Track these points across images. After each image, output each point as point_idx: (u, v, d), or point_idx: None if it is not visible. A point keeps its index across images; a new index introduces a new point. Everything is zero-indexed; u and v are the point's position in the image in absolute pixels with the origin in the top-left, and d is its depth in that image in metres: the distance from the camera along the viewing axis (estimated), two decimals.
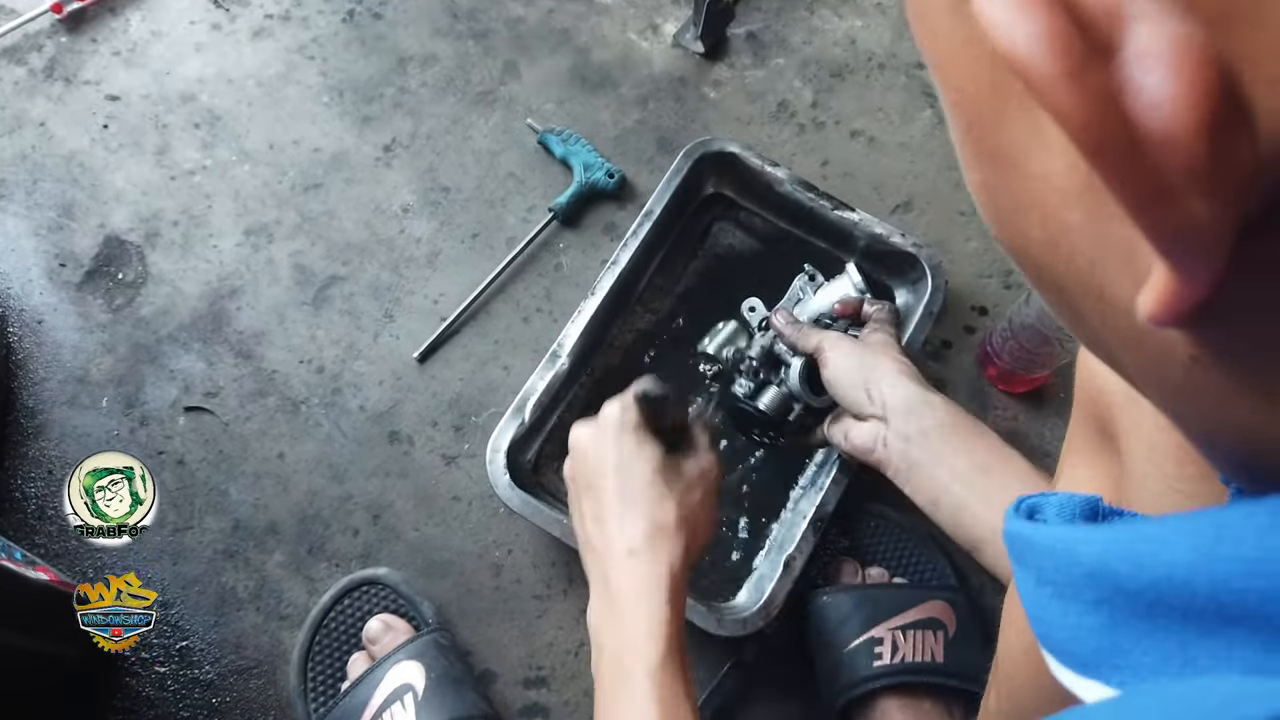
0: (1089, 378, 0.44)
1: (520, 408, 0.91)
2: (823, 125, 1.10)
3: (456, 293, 1.01)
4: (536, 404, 0.91)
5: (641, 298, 1.02)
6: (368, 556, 0.93)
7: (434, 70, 1.11)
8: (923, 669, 0.80)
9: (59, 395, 0.97)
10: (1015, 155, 0.23)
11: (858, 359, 0.80)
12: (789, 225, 1.04)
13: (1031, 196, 0.23)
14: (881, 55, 1.13)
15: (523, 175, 1.07)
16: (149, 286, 1.01)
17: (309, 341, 1.00)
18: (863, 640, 0.81)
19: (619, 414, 0.72)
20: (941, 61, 0.24)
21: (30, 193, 1.05)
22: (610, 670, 0.64)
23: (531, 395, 0.91)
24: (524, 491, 0.87)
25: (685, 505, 0.69)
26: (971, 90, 0.23)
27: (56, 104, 1.08)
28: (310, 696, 0.86)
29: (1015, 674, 0.50)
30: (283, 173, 1.06)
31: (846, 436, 0.80)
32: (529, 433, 0.92)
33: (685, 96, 1.11)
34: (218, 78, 1.10)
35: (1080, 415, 0.47)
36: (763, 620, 0.84)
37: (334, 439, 0.96)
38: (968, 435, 0.73)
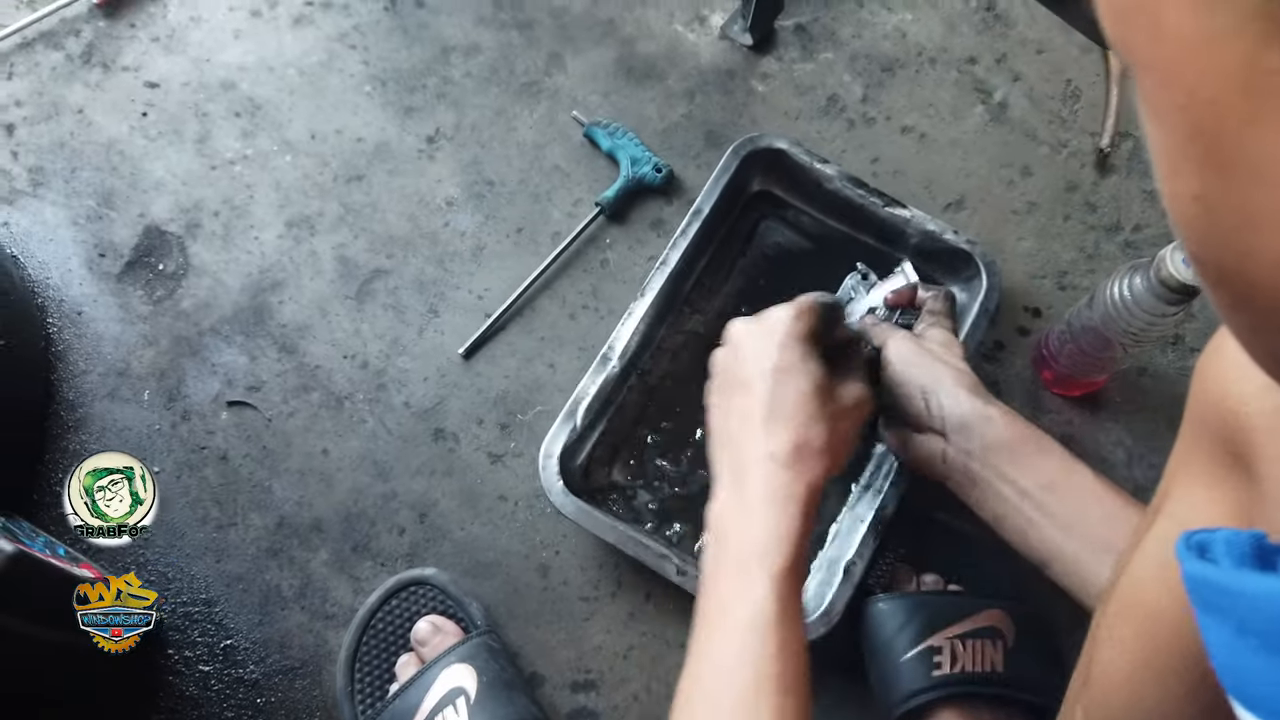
0: (1219, 397, 0.42)
1: (572, 412, 0.89)
2: (873, 121, 1.08)
3: (501, 288, 1.00)
4: (588, 408, 0.89)
5: (689, 298, 1.00)
6: (413, 556, 0.91)
7: (477, 60, 1.09)
8: (982, 679, 0.78)
9: (100, 388, 0.96)
10: (1262, 165, 0.21)
11: (921, 366, 0.77)
12: (838, 223, 1.02)
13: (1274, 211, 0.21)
14: (932, 50, 1.11)
15: (568, 169, 1.05)
16: (190, 278, 1.00)
17: (353, 336, 0.98)
18: (920, 649, 0.80)
19: (791, 319, 0.69)
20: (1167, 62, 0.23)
21: (69, 181, 1.03)
22: (730, 565, 0.62)
23: (583, 399, 0.89)
24: (577, 497, 0.86)
25: (835, 432, 0.66)
26: (1209, 94, 0.22)
27: (95, 90, 1.06)
28: (358, 698, 0.85)
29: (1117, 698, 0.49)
30: (325, 163, 1.04)
31: (905, 447, 0.78)
32: (580, 439, 0.91)
33: (733, 90, 1.09)
34: (258, 65, 1.08)
35: (1200, 434, 0.44)
36: (824, 627, 0.82)
37: (378, 436, 0.95)
38: (1032, 451, 0.71)
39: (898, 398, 0.77)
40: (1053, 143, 1.07)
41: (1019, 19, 1.12)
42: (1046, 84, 1.10)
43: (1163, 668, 0.45)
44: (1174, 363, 0.98)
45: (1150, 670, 0.45)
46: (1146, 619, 0.46)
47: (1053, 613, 0.89)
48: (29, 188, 1.02)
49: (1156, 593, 0.46)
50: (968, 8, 1.13)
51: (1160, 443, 0.95)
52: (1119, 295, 0.80)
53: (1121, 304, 0.80)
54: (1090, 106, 1.08)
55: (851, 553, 0.84)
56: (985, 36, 1.12)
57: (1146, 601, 0.46)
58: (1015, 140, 1.07)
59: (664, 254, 0.95)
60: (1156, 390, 0.97)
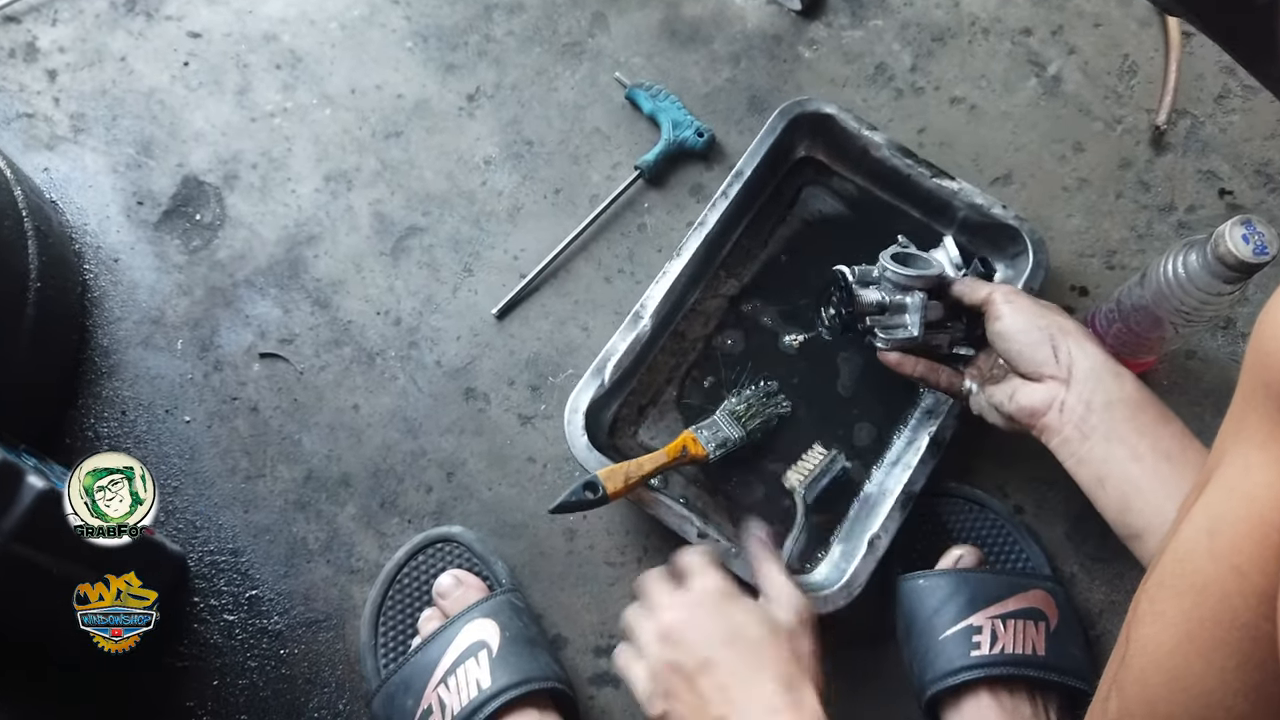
0: (1277, 351, 0.40)
1: (600, 368, 0.88)
2: (921, 91, 1.06)
3: (537, 249, 0.99)
4: (617, 365, 0.88)
5: (726, 262, 0.98)
6: (440, 514, 0.91)
7: (521, 19, 1.08)
8: (1023, 661, 0.76)
9: (134, 335, 0.96)
10: None
11: (1040, 313, 0.75)
12: (883, 193, 1.00)
13: None
14: (985, 20, 1.08)
15: (608, 131, 1.04)
16: (226, 229, 0.99)
17: (387, 292, 0.97)
18: (960, 628, 0.78)
19: (716, 584, 0.69)
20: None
21: (109, 128, 1.03)
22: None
23: (612, 356, 0.88)
24: (601, 454, 0.85)
25: (802, 655, 0.65)
26: None
27: (138, 39, 1.06)
28: (381, 651, 0.84)
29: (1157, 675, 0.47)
30: (364, 118, 1.04)
31: (1013, 397, 0.75)
32: (607, 395, 0.90)
33: (779, 55, 1.07)
34: (300, 18, 1.07)
35: (1255, 392, 0.42)
36: (844, 599, 0.81)
37: (409, 393, 0.94)
38: (1155, 416, 0.69)
39: (1020, 345, 0.75)
40: (1107, 119, 1.04)
41: None
42: (1103, 58, 1.07)
43: (1209, 641, 0.43)
44: (1224, 347, 0.95)
45: (1194, 644, 0.43)
46: (1191, 590, 0.44)
47: (1087, 596, 0.87)
48: (70, 134, 1.02)
49: (1203, 562, 0.43)
50: None
51: (1207, 426, 0.92)
52: (1173, 272, 0.78)
53: (1175, 281, 0.77)
54: (1147, 82, 1.05)
55: (877, 526, 0.82)
56: (1041, 7, 1.09)
57: (1192, 572, 0.44)
58: (1068, 115, 1.04)
59: (702, 215, 0.93)
60: (1206, 374, 0.94)
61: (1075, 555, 0.89)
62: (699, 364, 0.95)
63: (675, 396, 0.94)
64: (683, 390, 0.94)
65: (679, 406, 0.93)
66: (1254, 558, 0.40)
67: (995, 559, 0.86)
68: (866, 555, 0.82)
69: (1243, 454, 0.43)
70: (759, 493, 0.90)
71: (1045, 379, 0.73)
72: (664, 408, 0.93)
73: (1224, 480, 0.44)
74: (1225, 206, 1.00)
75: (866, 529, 0.83)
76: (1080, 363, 0.72)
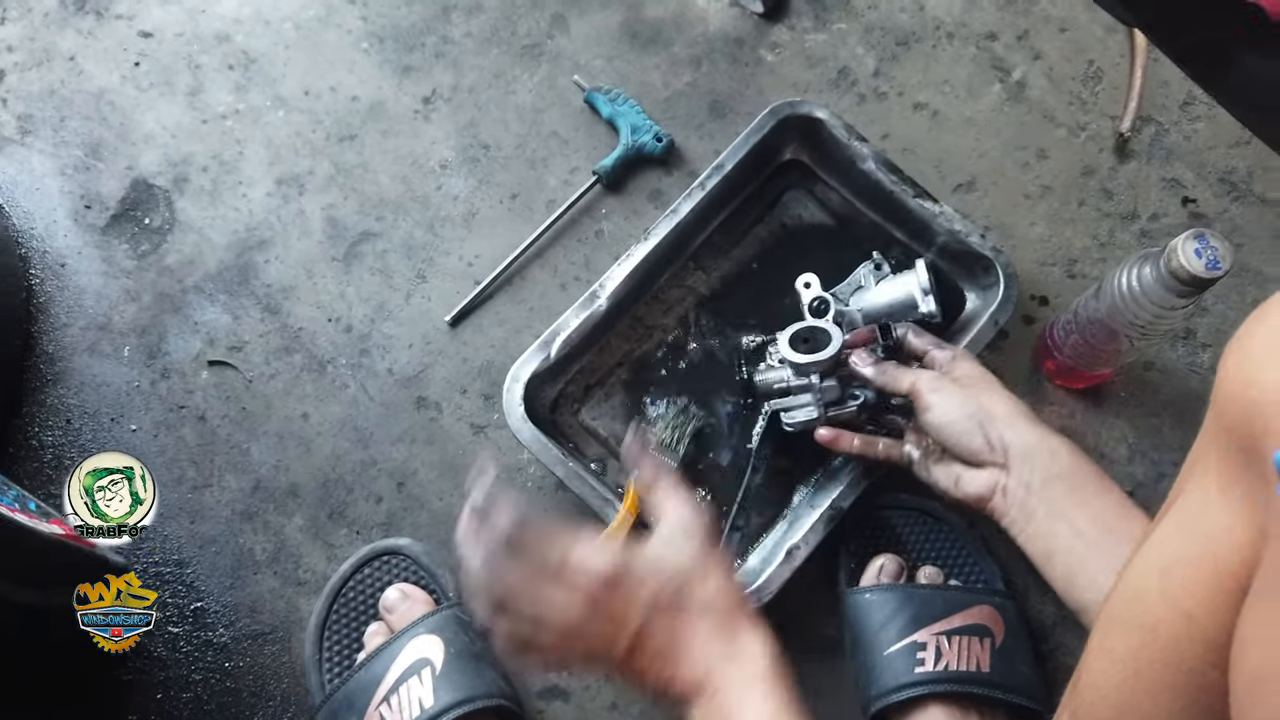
0: (1242, 386, 0.39)
1: (547, 342, 0.87)
2: (884, 95, 1.05)
3: (492, 255, 0.97)
4: (565, 340, 0.87)
5: (696, 254, 0.97)
6: (390, 525, 0.89)
7: (479, 20, 1.06)
8: (966, 678, 0.76)
9: (80, 342, 0.94)
10: None
11: (966, 400, 0.74)
12: (865, 206, 0.98)
13: None
14: (950, 24, 1.07)
15: (566, 135, 1.02)
16: (176, 234, 0.98)
17: (338, 299, 0.96)
18: (905, 644, 0.77)
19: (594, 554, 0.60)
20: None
21: (57, 130, 1.01)
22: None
23: (562, 331, 0.88)
24: (538, 428, 0.84)
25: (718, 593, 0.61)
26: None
27: (87, 38, 1.04)
28: (325, 666, 0.83)
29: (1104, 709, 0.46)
30: (318, 121, 1.02)
31: (958, 484, 0.75)
32: (554, 371, 0.90)
33: (741, 59, 1.05)
34: (254, 18, 1.06)
35: (1219, 429, 0.41)
36: (753, 603, 0.80)
37: (360, 402, 0.93)
38: (1094, 489, 0.69)
39: (953, 435, 0.73)
40: (1071, 125, 1.03)
41: None
42: (1068, 64, 1.05)
43: (1157, 682, 0.42)
44: (1184, 358, 0.94)
45: (1141, 682, 0.43)
46: (1141, 629, 0.44)
47: (1041, 612, 0.86)
48: (17, 135, 1.01)
49: (1154, 602, 0.43)
50: None
51: (1164, 439, 0.92)
52: (1127, 286, 0.77)
53: (1129, 295, 0.77)
54: (1112, 89, 1.04)
55: (798, 537, 0.82)
56: (1007, 12, 1.08)
57: (1142, 612, 0.44)
58: (1032, 121, 1.03)
59: (676, 203, 0.92)
60: (1164, 385, 0.93)
61: (1030, 568, 0.88)
62: (654, 352, 0.94)
63: (625, 380, 0.93)
64: (632, 374, 0.93)
65: (627, 389, 0.93)
66: (1205, 603, 0.40)
67: (949, 572, 0.86)
68: (782, 564, 0.82)
69: (1202, 492, 0.42)
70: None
71: (984, 464, 0.72)
72: (611, 389, 0.93)
73: (1181, 517, 0.44)
74: (1188, 215, 1.00)
75: (788, 540, 0.83)
76: (1014, 445, 0.71)
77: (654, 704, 0.83)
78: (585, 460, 0.90)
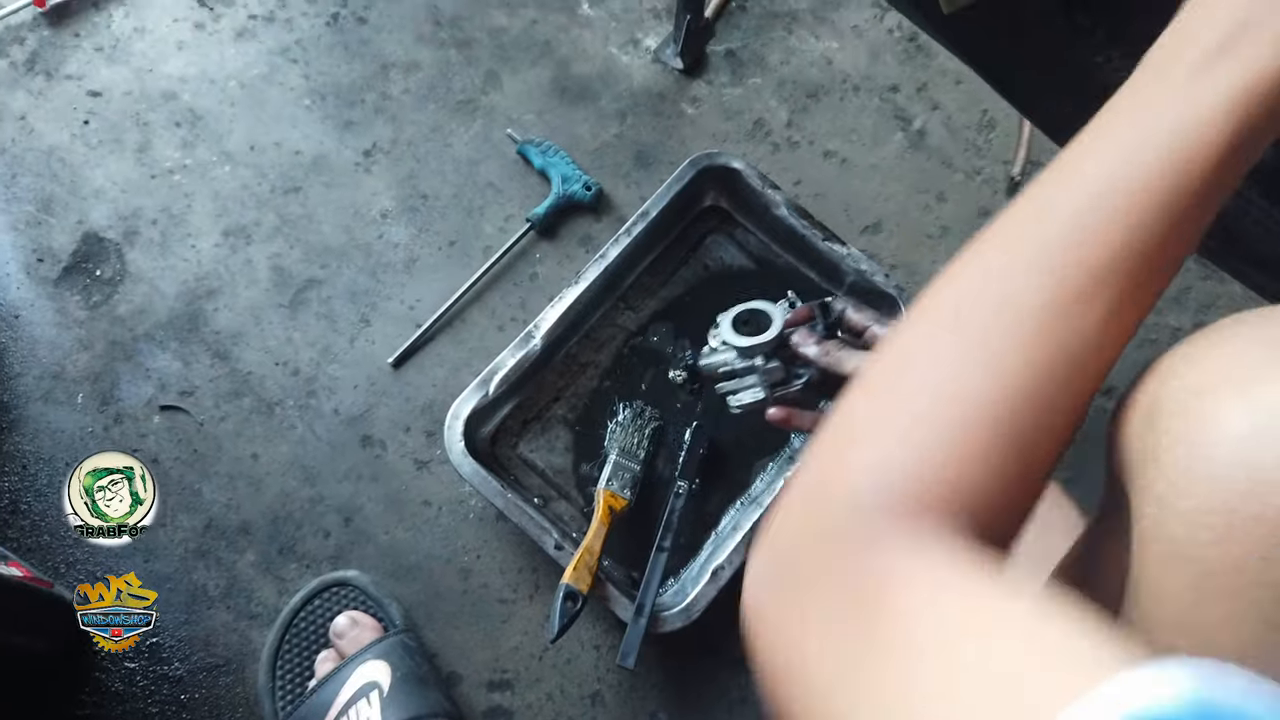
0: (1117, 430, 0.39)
1: (486, 380, 0.93)
2: (797, 145, 1.13)
3: (432, 299, 1.03)
4: (503, 379, 0.94)
5: (626, 295, 1.04)
6: (338, 558, 0.94)
7: (416, 77, 1.13)
8: None
9: (34, 391, 0.98)
10: None
11: None
12: (781, 249, 1.06)
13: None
14: (856, 78, 1.16)
15: (501, 185, 1.09)
16: (126, 284, 1.02)
17: (285, 344, 1.01)
18: None
19: None
20: None
21: (9, 186, 1.05)
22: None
23: (499, 370, 0.94)
24: (476, 461, 0.90)
25: None
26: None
27: (38, 98, 1.09)
28: (278, 694, 0.88)
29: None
30: (263, 174, 1.07)
31: None
32: (491, 406, 0.96)
33: (664, 112, 1.13)
34: (200, 77, 1.11)
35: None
36: (682, 621, 0.87)
37: (307, 441, 0.98)
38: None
39: None
40: (967, 170, 1.12)
41: (939, 50, 1.17)
42: (963, 113, 1.15)
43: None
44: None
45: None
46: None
47: None
48: None
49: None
50: (891, 38, 1.18)
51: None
52: None
53: None
54: (1004, 136, 1.14)
55: (722, 558, 0.88)
56: (907, 66, 1.17)
57: None
58: (932, 167, 1.12)
59: (604, 248, 0.99)
60: None
61: None
62: (587, 388, 1.01)
63: (561, 415, 0.99)
64: (568, 409, 1.00)
65: (565, 424, 0.99)
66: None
67: None
68: (708, 584, 0.88)
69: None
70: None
71: None
72: (548, 423, 0.99)
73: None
74: None
75: (713, 560, 0.89)
76: None
77: None
78: (525, 492, 0.95)
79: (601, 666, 0.93)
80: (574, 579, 0.85)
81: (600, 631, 0.94)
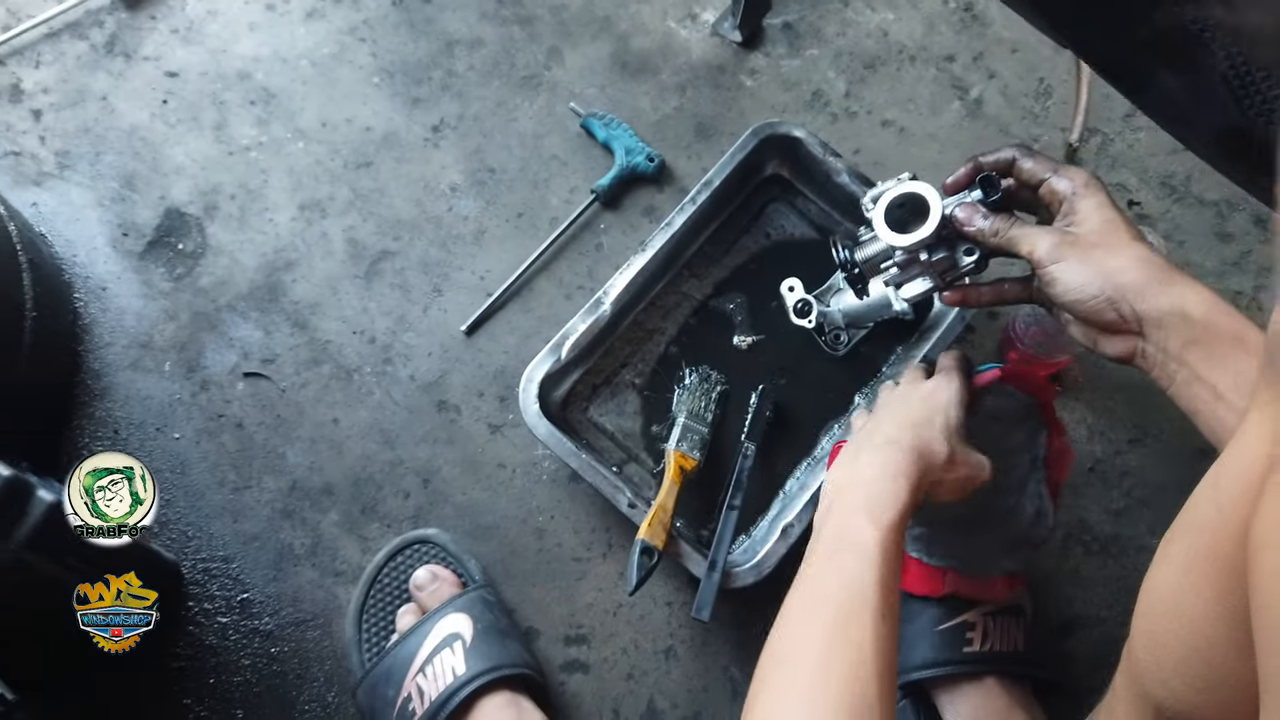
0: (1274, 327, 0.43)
1: (558, 346, 0.96)
2: (855, 115, 1.14)
3: (502, 269, 1.06)
4: (574, 344, 0.96)
5: (690, 263, 1.06)
6: (418, 518, 0.98)
7: (480, 54, 1.15)
8: (1010, 658, 0.84)
9: (123, 359, 1.02)
10: None
11: (1094, 273, 0.68)
12: (841, 216, 1.08)
13: None
14: (912, 48, 1.17)
15: (565, 158, 1.11)
16: (208, 257, 1.06)
17: (361, 313, 1.04)
18: (957, 622, 0.85)
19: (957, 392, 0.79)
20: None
21: (93, 164, 1.09)
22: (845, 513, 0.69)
23: (570, 335, 0.97)
24: (550, 423, 0.93)
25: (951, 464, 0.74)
26: None
27: (117, 79, 1.12)
28: (364, 646, 0.91)
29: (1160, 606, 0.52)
30: (335, 150, 1.11)
31: (1096, 344, 0.72)
32: (563, 371, 0.98)
33: (722, 84, 1.15)
34: (272, 57, 1.14)
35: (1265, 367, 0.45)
36: (753, 578, 0.90)
37: (385, 406, 1.01)
38: (1228, 347, 0.65)
39: (1081, 310, 0.70)
40: (1025, 137, 1.13)
41: (995, 19, 1.18)
42: (1020, 81, 1.16)
43: (1200, 577, 0.48)
44: None
45: (1188, 579, 0.49)
46: (1190, 530, 0.50)
47: None
48: (56, 170, 1.08)
49: (1206, 509, 0.49)
50: (946, 8, 1.19)
51: (1119, 419, 1.01)
52: None
53: None
54: (1061, 103, 1.15)
55: (792, 516, 0.90)
56: (963, 35, 1.18)
57: (1196, 518, 0.50)
58: (989, 135, 1.14)
59: (670, 217, 1.01)
60: (1117, 371, 1.03)
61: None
62: (652, 355, 1.03)
63: (629, 380, 1.02)
64: (636, 374, 1.02)
65: (633, 389, 1.02)
66: (1236, 498, 0.45)
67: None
68: (778, 541, 0.90)
69: (1251, 414, 0.47)
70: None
71: (1121, 332, 0.69)
72: (616, 388, 1.02)
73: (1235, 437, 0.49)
74: (1134, 216, 1.10)
75: (783, 518, 0.92)
76: (1148, 316, 0.67)
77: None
78: (596, 453, 0.98)
79: (674, 622, 0.95)
80: (649, 534, 0.87)
81: (672, 589, 0.96)
